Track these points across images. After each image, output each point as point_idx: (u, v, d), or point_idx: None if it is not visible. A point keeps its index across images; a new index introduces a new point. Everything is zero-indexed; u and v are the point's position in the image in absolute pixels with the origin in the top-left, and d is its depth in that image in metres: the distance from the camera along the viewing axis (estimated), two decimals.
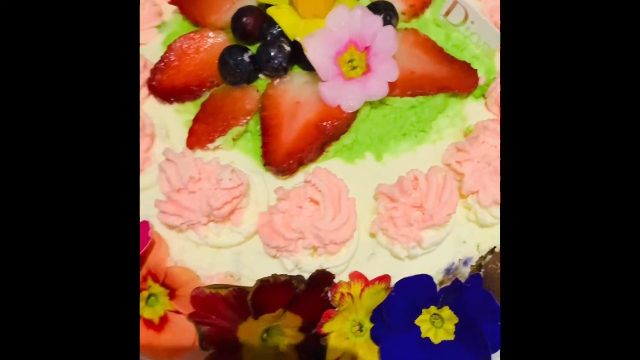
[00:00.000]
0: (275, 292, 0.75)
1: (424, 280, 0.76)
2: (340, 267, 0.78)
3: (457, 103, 0.91)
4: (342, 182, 0.78)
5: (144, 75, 0.89)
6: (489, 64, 0.93)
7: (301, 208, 0.77)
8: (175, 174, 0.77)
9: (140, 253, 0.79)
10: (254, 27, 0.87)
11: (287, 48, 0.84)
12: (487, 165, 0.81)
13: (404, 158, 0.86)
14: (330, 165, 0.83)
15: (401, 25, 0.94)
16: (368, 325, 0.78)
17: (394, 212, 0.78)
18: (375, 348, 0.77)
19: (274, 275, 0.76)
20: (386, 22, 0.87)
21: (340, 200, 0.77)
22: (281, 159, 0.81)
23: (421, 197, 0.77)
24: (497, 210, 0.81)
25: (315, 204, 0.77)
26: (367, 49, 0.82)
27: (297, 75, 0.86)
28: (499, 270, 0.82)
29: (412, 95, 0.86)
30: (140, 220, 0.83)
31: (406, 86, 0.85)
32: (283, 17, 0.84)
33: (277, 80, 0.86)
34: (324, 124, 0.81)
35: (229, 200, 0.76)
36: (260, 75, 0.88)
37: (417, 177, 0.78)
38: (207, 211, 0.77)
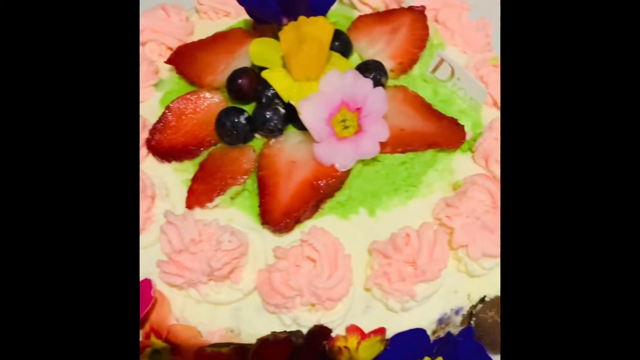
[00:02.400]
0: (275, 349, 0.78)
1: (418, 334, 0.79)
2: (337, 321, 0.81)
3: (446, 157, 0.94)
4: (338, 241, 0.81)
5: (143, 135, 0.92)
6: (475, 118, 0.98)
7: (299, 267, 0.79)
8: (177, 235, 0.80)
9: (144, 311, 0.81)
10: (249, 88, 0.90)
11: (282, 110, 0.88)
12: (476, 220, 0.84)
13: (396, 212, 0.89)
14: (325, 221, 0.86)
15: (391, 82, 0.98)
16: None
17: (388, 268, 0.80)
18: None
19: (273, 333, 0.78)
20: (376, 81, 0.91)
21: (337, 258, 0.80)
22: (279, 218, 0.83)
23: (413, 253, 0.80)
24: (486, 262, 0.84)
25: (312, 262, 0.80)
26: (358, 109, 0.86)
27: (291, 135, 0.89)
28: (490, 320, 0.86)
29: (403, 151, 0.90)
30: (141, 278, 0.86)
31: (397, 143, 0.89)
32: (277, 80, 0.87)
33: (273, 140, 0.89)
34: (319, 182, 0.85)
35: (229, 261, 0.79)
36: (256, 135, 0.91)
37: (409, 234, 0.81)
38: (208, 271, 0.79)
